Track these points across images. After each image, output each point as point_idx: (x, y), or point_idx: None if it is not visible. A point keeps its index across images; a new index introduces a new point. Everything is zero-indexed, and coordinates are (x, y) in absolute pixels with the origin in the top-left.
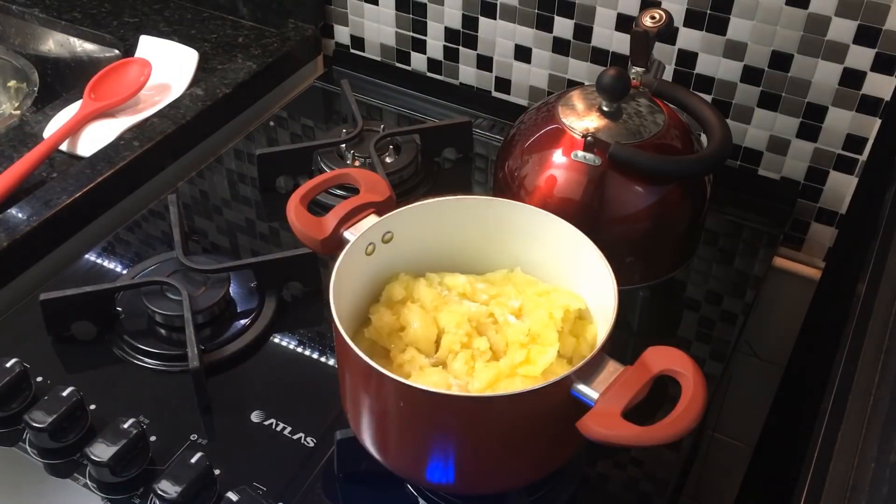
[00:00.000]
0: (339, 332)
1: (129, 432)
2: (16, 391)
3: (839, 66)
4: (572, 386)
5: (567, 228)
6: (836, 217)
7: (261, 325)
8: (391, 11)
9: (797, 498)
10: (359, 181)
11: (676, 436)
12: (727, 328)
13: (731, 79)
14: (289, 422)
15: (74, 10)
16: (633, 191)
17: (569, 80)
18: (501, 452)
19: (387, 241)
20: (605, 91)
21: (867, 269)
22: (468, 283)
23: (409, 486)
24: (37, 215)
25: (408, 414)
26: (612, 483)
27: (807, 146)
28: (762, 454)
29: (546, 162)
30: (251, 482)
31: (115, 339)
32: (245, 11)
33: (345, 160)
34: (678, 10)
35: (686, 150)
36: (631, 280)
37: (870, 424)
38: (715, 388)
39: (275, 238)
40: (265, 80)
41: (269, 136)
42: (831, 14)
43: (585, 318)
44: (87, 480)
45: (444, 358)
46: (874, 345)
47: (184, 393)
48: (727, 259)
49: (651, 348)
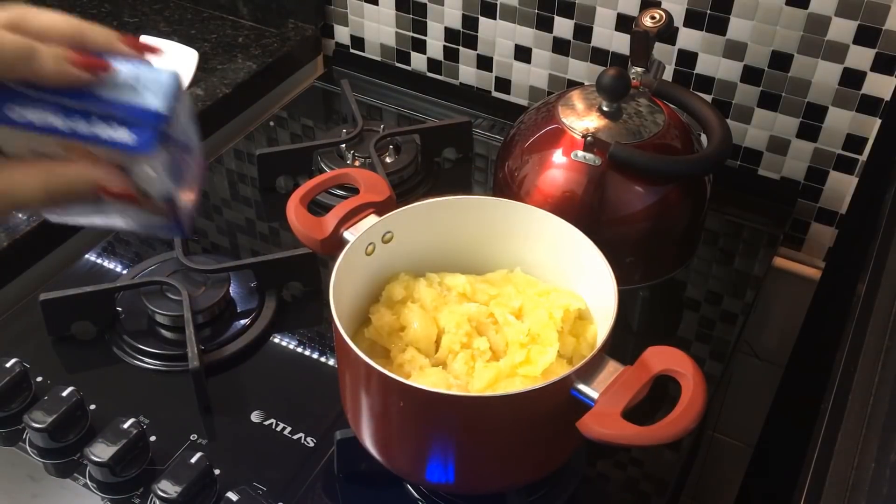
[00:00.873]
0: (339, 332)
1: (129, 432)
2: (16, 391)
3: (839, 66)
4: (572, 386)
5: (567, 228)
6: (836, 217)
7: (261, 325)
8: (391, 11)
9: (797, 498)
10: (359, 181)
11: (676, 436)
12: (727, 328)
13: (731, 79)
14: (289, 422)
15: (74, 10)
16: (633, 191)
17: (569, 80)
18: (501, 452)
19: (387, 241)
20: (605, 91)
21: (867, 269)
22: (468, 283)
23: (409, 486)
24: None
25: (408, 414)
26: (612, 483)
27: (807, 146)
28: (762, 454)
29: (546, 162)
30: (251, 482)
31: (115, 339)
32: (245, 11)
33: (345, 160)
34: (678, 10)
35: (686, 150)
36: (631, 280)
37: (870, 424)
38: (715, 388)
39: (275, 238)
40: (265, 80)
41: (269, 136)
42: (831, 14)
43: (585, 318)
44: (87, 480)
45: (444, 358)
46: (874, 345)
47: (184, 393)
48: (727, 259)
49: (651, 348)
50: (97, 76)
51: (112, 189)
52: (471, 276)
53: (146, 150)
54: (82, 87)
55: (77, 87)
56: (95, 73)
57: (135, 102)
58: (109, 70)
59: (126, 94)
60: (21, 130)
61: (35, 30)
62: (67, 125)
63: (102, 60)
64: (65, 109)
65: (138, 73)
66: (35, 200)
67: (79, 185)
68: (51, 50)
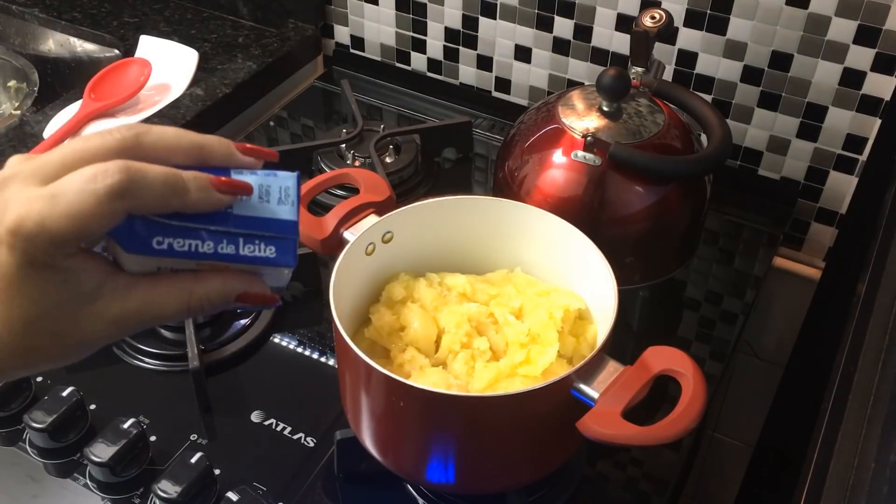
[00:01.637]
0: (339, 332)
1: (129, 432)
2: (16, 391)
3: (839, 66)
4: (572, 386)
5: (567, 228)
6: (836, 217)
7: (261, 325)
8: (391, 11)
9: (797, 498)
10: (359, 181)
11: (676, 436)
12: (727, 328)
13: (731, 79)
14: (289, 422)
15: (74, 10)
16: (633, 191)
17: (569, 80)
18: (501, 452)
19: (387, 241)
20: (605, 91)
21: (867, 269)
22: (468, 283)
23: (409, 486)
24: None
25: (408, 414)
26: (612, 483)
27: (807, 146)
28: (762, 454)
29: (546, 162)
30: (251, 482)
31: None
32: (245, 11)
33: (345, 160)
34: (678, 10)
35: (686, 150)
36: (631, 280)
37: (870, 424)
38: (715, 388)
39: None
40: (265, 80)
41: (269, 136)
42: (831, 14)
43: (585, 318)
44: (87, 480)
45: (444, 358)
46: (874, 345)
47: (184, 393)
48: (727, 259)
49: (651, 348)
50: (238, 198)
51: (250, 296)
52: (471, 276)
53: (291, 262)
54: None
55: (218, 211)
56: (237, 195)
57: (270, 216)
58: (251, 192)
59: (259, 208)
60: (168, 258)
61: (158, 152)
62: (212, 248)
63: (243, 181)
64: (208, 233)
65: (265, 182)
66: (169, 317)
67: (218, 299)
68: (195, 177)
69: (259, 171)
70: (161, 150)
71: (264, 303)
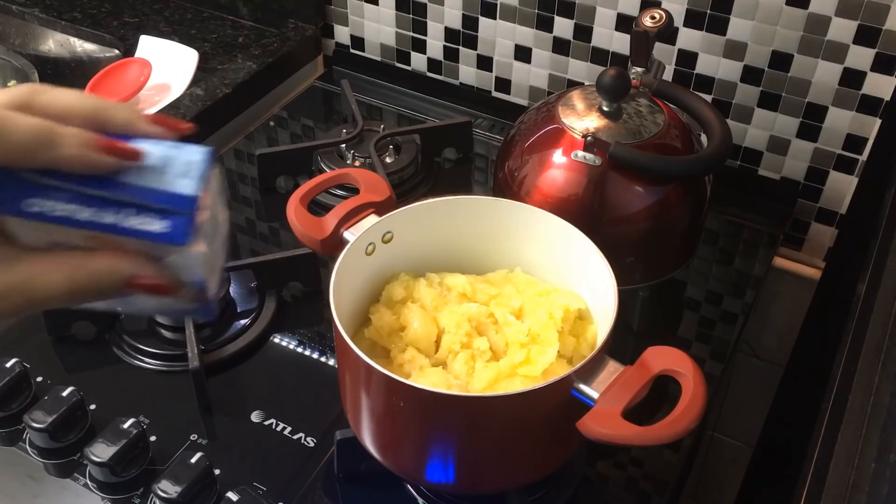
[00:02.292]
0: (339, 332)
1: (129, 432)
2: (16, 391)
3: (839, 66)
4: (572, 386)
5: (567, 228)
6: (836, 217)
7: (261, 325)
8: (391, 11)
9: (797, 498)
10: (359, 181)
11: (676, 436)
12: (727, 328)
13: (731, 79)
14: (289, 422)
15: (74, 10)
16: (633, 191)
17: (569, 80)
18: (502, 452)
19: (387, 241)
20: (605, 91)
21: (867, 269)
22: (468, 283)
23: (409, 486)
24: None
25: (408, 414)
26: (612, 483)
27: (807, 146)
28: (762, 454)
29: (546, 162)
30: (251, 482)
31: (115, 339)
32: (245, 11)
33: (345, 160)
34: (678, 10)
35: (686, 150)
36: (631, 280)
37: (870, 424)
38: (715, 388)
39: (275, 238)
40: (265, 80)
41: (269, 136)
42: (831, 14)
43: (585, 318)
44: (87, 480)
45: (444, 358)
46: (874, 345)
47: (184, 393)
48: (727, 259)
49: (651, 348)
50: (124, 163)
51: (143, 282)
52: (471, 276)
53: (181, 240)
54: (107, 173)
55: (102, 174)
56: (123, 160)
57: (166, 188)
58: (139, 158)
59: (155, 179)
60: (41, 223)
61: (50, 110)
62: (92, 216)
63: (131, 146)
64: (89, 198)
65: (167, 154)
66: (57, 297)
67: (106, 280)
68: (72, 133)
69: (170, 143)
70: (54, 109)
71: (160, 292)
